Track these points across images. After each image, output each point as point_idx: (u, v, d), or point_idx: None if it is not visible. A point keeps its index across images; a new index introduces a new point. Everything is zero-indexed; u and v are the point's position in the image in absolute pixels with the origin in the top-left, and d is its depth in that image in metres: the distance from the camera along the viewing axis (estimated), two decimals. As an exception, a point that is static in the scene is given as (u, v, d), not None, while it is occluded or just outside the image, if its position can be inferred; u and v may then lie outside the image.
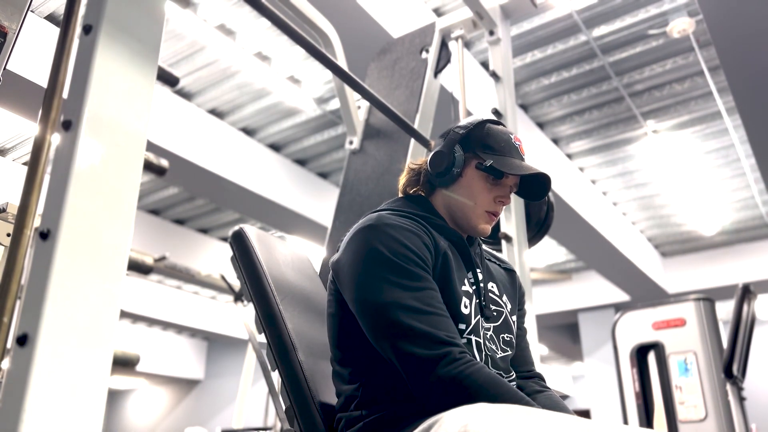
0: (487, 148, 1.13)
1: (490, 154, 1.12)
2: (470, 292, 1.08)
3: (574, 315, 9.55)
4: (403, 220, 1.06)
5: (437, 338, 0.93)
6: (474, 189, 1.13)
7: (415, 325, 0.94)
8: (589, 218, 6.32)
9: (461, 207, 1.14)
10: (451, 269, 1.06)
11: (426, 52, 2.50)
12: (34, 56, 3.76)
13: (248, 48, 4.61)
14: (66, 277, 0.81)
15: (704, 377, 3.73)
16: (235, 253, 1.31)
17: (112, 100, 0.93)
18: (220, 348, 11.98)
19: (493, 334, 1.11)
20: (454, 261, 1.09)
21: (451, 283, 1.05)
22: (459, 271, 1.09)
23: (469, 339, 1.04)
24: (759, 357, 9.61)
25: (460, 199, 1.14)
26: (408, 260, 0.99)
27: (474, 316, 1.06)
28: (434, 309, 0.97)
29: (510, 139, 1.15)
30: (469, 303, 1.06)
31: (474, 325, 1.06)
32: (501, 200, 1.14)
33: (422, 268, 1.00)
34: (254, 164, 5.76)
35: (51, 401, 0.76)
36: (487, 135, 1.15)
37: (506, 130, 1.18)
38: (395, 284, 0.97)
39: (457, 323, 1.03)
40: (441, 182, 1.15)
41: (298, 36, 1.52)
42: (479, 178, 1.13)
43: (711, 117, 5.54)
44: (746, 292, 3.82)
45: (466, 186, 1.13)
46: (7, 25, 1.02)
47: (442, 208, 1.16)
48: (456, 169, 1.13)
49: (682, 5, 4.24)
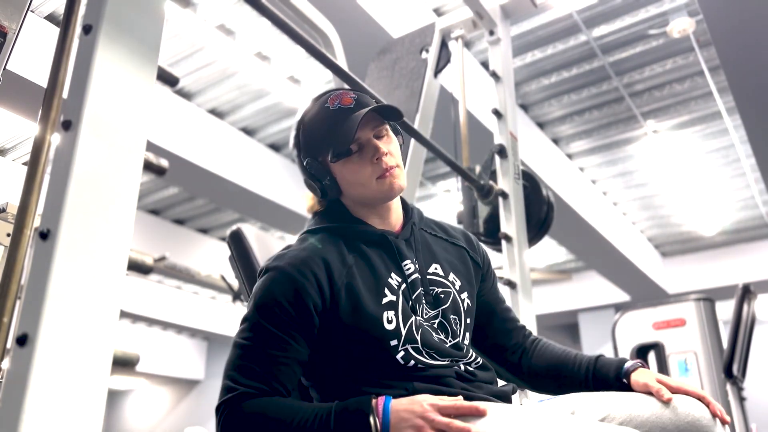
0: (320, 143, 1.09)
1: (327, 145, 1.08)
2: (395, 301, 1.04)
3: (574, 315, 9.55)
4: (297, 257, 1.04)
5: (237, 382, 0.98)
6: (351, 176, 1.08)
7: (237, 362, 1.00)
8: (589, 218, 6.32)
9: (360, 194, 1.10)
10: (359, 284, 1.03)
11: (426, 52, 2.50)
12: (34, 56, 3.75)
13: (248, 48, 4.61)
14: (66, 277, 0.81)
15: (704, 377, 3.73)
16: (233, 253, 1.31)
17: (112, 100, 0.93)
18: (220, 348, 11.98)
19: (442, 320, 1.08)
20: (371, 269, 1.06)
21: (362, 300, 1.02)
22: (378, 279, 1.05)
23: (405, 349, 1.01)
24: (759, 357, 9.60)
25: (353, 191, 1.10)
26: (274, 320, 0.99)
27: (405, 324, 1.03)
28: (267, 354, 0.98)
29: (327, 112, 1.09)
30: (394, 315, 1.02)
31: (408, 332, 1.02)
32: (376, 158, 1.07)
33: (287, 323, 0.99)
34: (254, 164, 5.76)
35: (51, 401, 0.76)
36: (309, 134, 1.11)
37: (319, 106, 1.11)
38: (253, 341, 0.99)
39: (388, 341, 1.01)
40: (331, 195, 1.12)
41: (298, 36, 1.52)
42: (344, 166, 1.09)
43: (711, 117, 5.54)
44: (746, 292, 3.82)
45: (345, 180, 1.09)
46: (7, 25, 1.02)
47: (355, 206, 1.13)
48: (325, 180, 1.10)
49: (682, 5, 4.24)
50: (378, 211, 1.13)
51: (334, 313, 1.01)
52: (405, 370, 1.01)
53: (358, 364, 1.03)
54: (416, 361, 1.01)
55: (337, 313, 1.01)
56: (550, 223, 2.57)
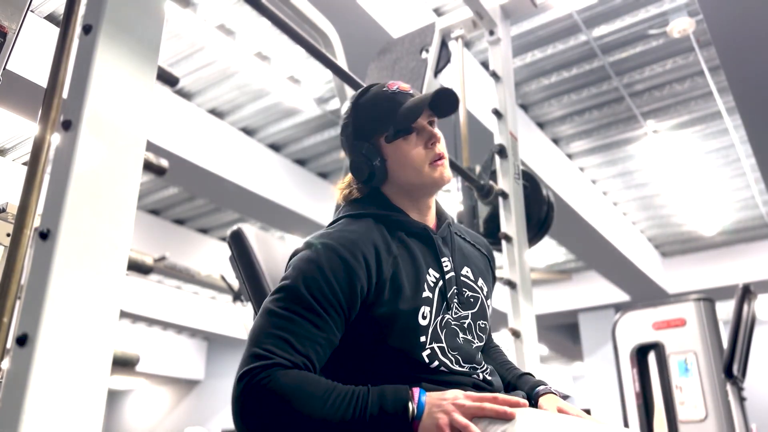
0: (378, 121, 1.09)
1: (386, 122, 1.08)
2: (432, 297, 1.03)
3: (574, 315, 9.54)
4: (347, 237, 1.00)
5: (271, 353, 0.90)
6: (404, 159, 1.08)
7: (270, 331, 0.92)
8: (589, 218, 6.32)
9: (410, 180, 1.09)
10: (402, 274, 1.01)
11: (426, 52, 2.50)
12: (34, 56, 3.76)
13: (248, 48, 4.61)
14: (66, 277, 0.81)
15: (704, 377, 3.73)
16: (234, 253, 1.31)
17: (112, 100, 0.93)
18: (220, 348, 11.98)
19: (471, 322, 1.08)
20: (413, 261, 1.04)
21: (403, 291, 0.99)
22: (418, 272, 1.03)
23: (432, 348, 1.00)
24: (759, 357, 9.61)
25: (402, 175, 1.09)
26: (317, 295, 0.94)
27: (434, 320, 1.01)
28: (301, 334, 0.92)
29: (386, 94, 1.10)
30: (429, 311, 1.01)
31: (434, 331, 1.01)
32: (431, 143, 1.08)
33: (330, 302, 0.95)
34: (254, 164, 5.76)
35: (51, 401, 0.76)
36: (367, 112, 1.11)
37: (377, 89, 1.12)
38: (292, 313, 0.94)
39: (418, 336, 0.99)
40: (377, 180, 1.10)
41: (298, 36, 1.52)
42: (398, 146, 1.08)
43: (711, 117, 5.54)
44: (746, 292, 3.82)
45: (396, 162, 1.08)
46: (7, 25, 1.02)
47: (398, 196, 1.11)
48: (375, 161, 1.08)
49: (682, 5, 4.24)
50: (418, 204, 1.12)
51: (374, 301, 0.98)
52: (428, 370, 0.99)
53: (381, 358, 1.00)
54: (440, 363, 1.00)
55: (376, 302, 0.98)
56: (550, 223, 2.57)
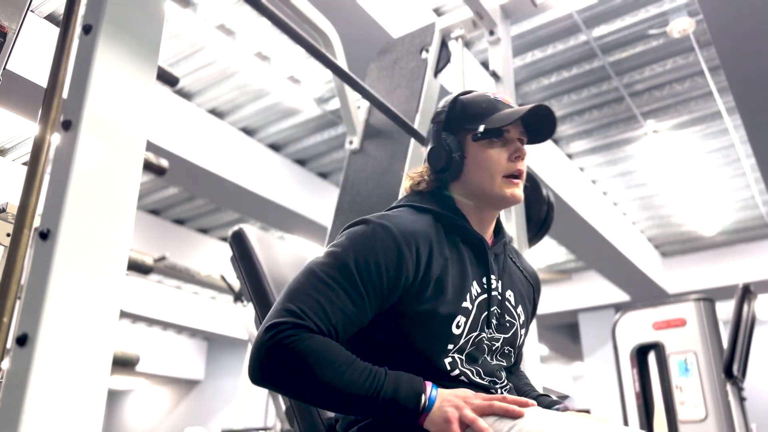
0: (472, 118, 1.08)
1: (479, 121, 1.07)
2: (470, 309, 1.01)
3: (574, 315, 9.55)
4: (406, 225, 0.99)
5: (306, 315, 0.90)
6: (484, 161, 1.06)
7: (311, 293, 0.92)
8: (589, 218, 6.32)
9: (481, 185, 1.07)
10: (448, 278, 1.00)
11: (426, 52, 2.50)
12: (34, 56, 3.76)
13: (248, 48, 4.61)
14: (66, 277, 0.81)
15: (704, 377, 3.73)
16: (235, 254, 1.31)
17: (112, 100, 0.93)
18: (220, 348, 11.98)
19: (501, 346, 1.07)
20: (461, 269, 1.03)
21: (445, 294, 0.98)
22: (464, 281, 1.02)
23: (454, 357, 0.99)
24: (759, 357, 9.61)
25: (476, 178, 1.07)
26: (363, 273, 0.94)
27: (468, 334, 1.00)
28: (338, 305, 0.92)
29: (488, 98, 1.10)
30: (464, 321, 1.00)
31: (463, 343, 1.00)
32: (516, 156, 1.07)
33: (373, 283, 0.94)
34: (254, 164, 5.76)
35: (51, 401, 0.76)
36: (464, 107, 1.11)
37: (480, 93, 1.13)
38: (334, 281, 0.93)
39: (446, 343, 0.98)
40: (450, 175, 1.09)
41: (298, 36, 1.52)
42: (482, 148, 1.07)
43: (711, 117, 5.54)
44: (746, 292, 3.82)
45: (475, 163, 1.07)
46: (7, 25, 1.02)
47: (463, 200, 1.09)
48: (455, 154, 1.07)
49: (682, 5, 4.24)
50: (481, 214, 1.10)
51: (414, 297, 0.97)
52: (447, 377, 0.98)
53: (402, 355, 0.98)
54: (461, 372, 1.00)
55: (416, 298, 0.97)
56: (550, 223, 2.57)
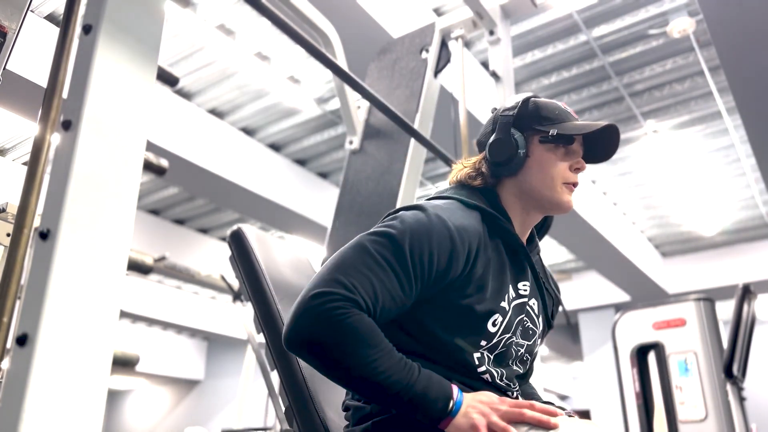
0: (545, 120, 1.09)
1: (550, 125, 1.08)
2: (507, 309, 1.02)
3: (574, 315, 9.55)
4: (459, 219, 1.00)
5: (354, 290, 0.89)
6: (546, 164, 1.07)
7: (360, 269, 0.91)
8: (589, 218, 6.32)
9: (539, 187, 1.08)
10: (489, 276, 1.00)
11: (426, 52, 2.50)
12: (34, 56, 3.76)
13: (248, 48, 4.61)
14: (66, 277, 0.81)
15: (704, 377, 3.73)
16: (234, 253, 1.31)
17: (112, 100, 0.93)
18: (220, 348, 11.98)
19: (524, 352, 1.08)
20: (501, 270, 1.03)
21: (485, 291, 0.99)
22: (503, 282, 1.03)
23: (482, 355, 1.00)
24: (759, 357, 9.61)
25: (535, 179, 1.08)
26: (415, 260, 0.94)
27: (502, 334, 1.01)
28: (386, 289, 0.92)
29: (560, 106, 1.13)
30: (501, 320, 1.00)
31: (495, 343, 1.01)
32: (577, 167, 1.09)
33: (423, 271, 0.94)
34: (254, 164, 5.76)
35: (51, 401, 0.76)
36: (538, 108, 1.11)
37: (553, 101, 1.15)
38: (387, 262, 0.93)
39: (480, 339, 0.99)
40: (508, 170, 1.08)
41: (298, 36, 1.52)
42: (548, 151, 1.08)
43: (711, 117, 5.54)
44: (746, 292, 3.81)
45: (537, 164, 1.08)
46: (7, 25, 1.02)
47: (512, 198, 1.10)
48: (521, 150, 1.07)
49: (682, 5, 4.24)
50: (527, 217, 1.11)
51: (457, 290, 0.98)
52: (473, 374, 0.99)
53: (434, 346, 0.98)
54: (486, 370, 1.00)
55: (458, 292, 0.98)
56: (550, 223, 2.57)
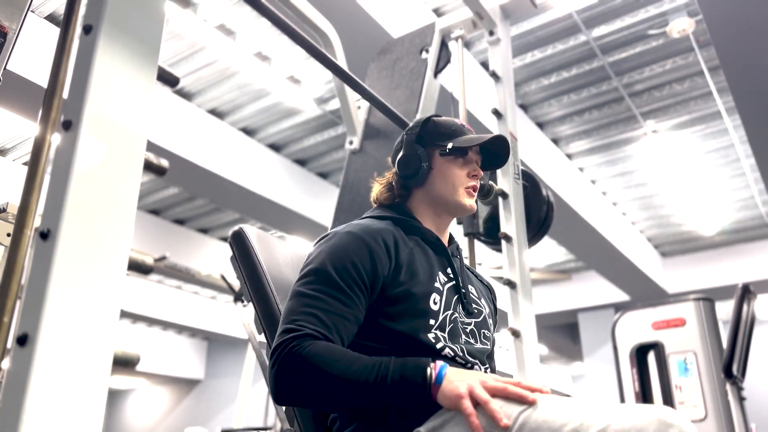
0: (442, 136, 1.25)
1: (447, 140, 1.24)
2: (441, 290, 1.13)
3: (574, 315, 9.55)
4: (369, 226, 1.13)
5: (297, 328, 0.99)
6: (447, 174, 1.23)
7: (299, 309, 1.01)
8: (589, 218, 6.32)
9: (443, 194, 1.23)
10: (417, 263, 1.12)
11: (426, 52, 2.50)
12: (34, 56, 3.76)
13: (248, 48, 4.61)
14: (66, 277, 0.81)
15: (704, 377, 3.73)
16: (235, 253, 1.31)
17: (112, 100, 0.93)
18: (220, 348, 11.98)
19: (474, 329, 1.17)
20: (426, 258, 1.16)
21: (417, 276, 1.10)
22: (431, 267, 1.15)
23: (436, 335, 1.07)
24: (759, 357, 9.60)
25: (440, 187, 1.23)
26: (344, 275, 1.04)
27: (444, 311, 1.11)
28: (331, 309, 1.02)
29: (456, 123, 1.28)
30: (439, 299, 1.11)
31: (442, 320, 1.09)
32: (474, 174, 1.24)
33: (356, 281, 1.05)
34: (254, 164, 5.76)
35: (51, 401, 0.76)
36: (437, 126, 1.27)
37: (450, 118, 1.30)
38: (320, 292, 1.03)
39: (428, 318, 1.08)
40: (416, 182, 1.23)
41: (298, 36, 1.52)
42: (447, 162, 1.23)
43: (711, 117, 5.54)
44: (746, 292, 3.81)
45: (439, 175, 1.23)
46: (7, 25, 1.02)
47: (423, 206, 1.25)
48: (424, 164, 1.22)
49: (682, 5, 4.24)
50: (439, 220, 1.25)
51: (390, 282, 1.08)
52: (435, 353, 1.06)
53: (391, 341, 1.06)
54: (445, 346, 1.07)
55: (392, 283, 1.08)
56: (550, 223, 2.57)
